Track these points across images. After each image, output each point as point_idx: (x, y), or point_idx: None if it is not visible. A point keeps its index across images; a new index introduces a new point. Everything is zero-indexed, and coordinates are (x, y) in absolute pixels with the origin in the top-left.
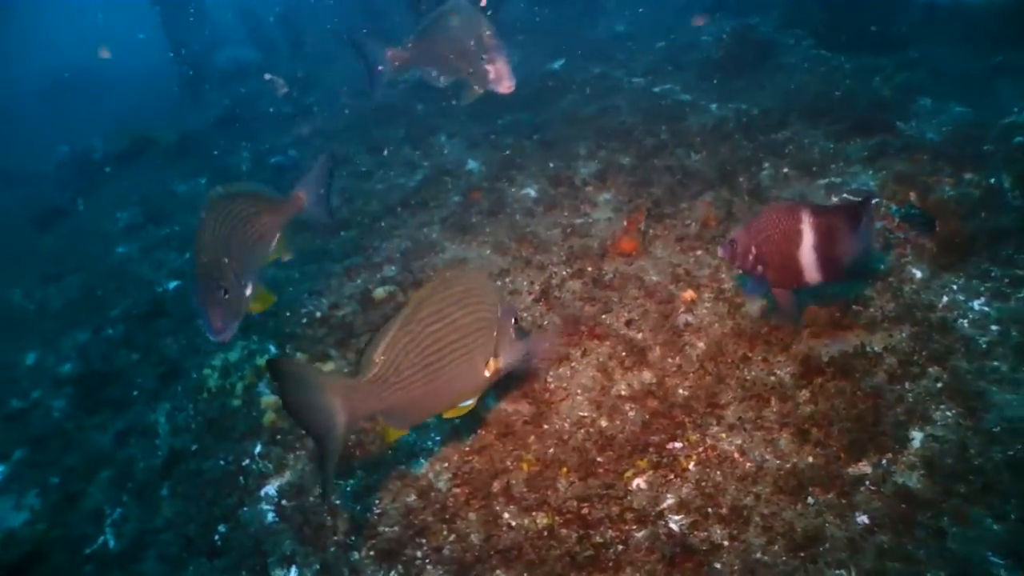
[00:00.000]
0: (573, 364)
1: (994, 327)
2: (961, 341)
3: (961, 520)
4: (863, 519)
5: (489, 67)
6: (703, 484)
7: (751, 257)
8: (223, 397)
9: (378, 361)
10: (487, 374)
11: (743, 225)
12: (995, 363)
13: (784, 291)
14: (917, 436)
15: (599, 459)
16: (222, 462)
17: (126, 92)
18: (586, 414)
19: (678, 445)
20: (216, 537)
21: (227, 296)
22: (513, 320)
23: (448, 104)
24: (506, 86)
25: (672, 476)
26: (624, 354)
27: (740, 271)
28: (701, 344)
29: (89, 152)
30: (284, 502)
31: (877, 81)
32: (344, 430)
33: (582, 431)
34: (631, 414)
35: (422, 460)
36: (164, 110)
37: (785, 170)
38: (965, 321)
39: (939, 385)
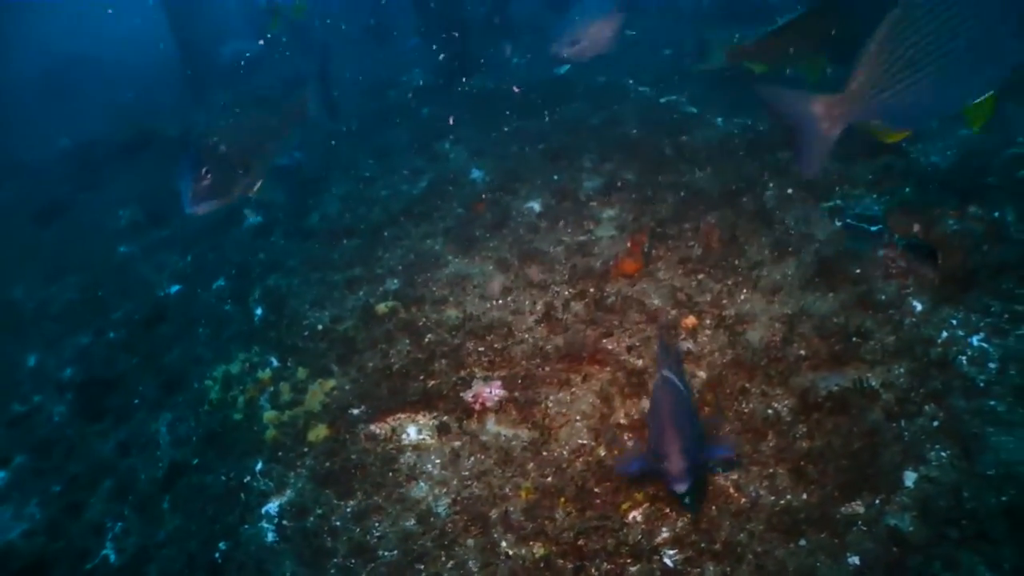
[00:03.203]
0: (574, 389)
1: (992, 365)
2: (959, 379)
3: (953, 567)
4: (855, 560)
5: None
6: (698, 519)
7: None
8: (225, 410)
9: (859, 75)
10: None
11: None
12: (992, 403)
13: None
14: (911, 476)
15: (597, 490)
16: (223, 477)
17: (130, 83)
18: (585, 442)
19: None
20: (217, 555)
21: (210, 177)
22: None
23: (453, 108)
24: None
25: (668, 510)
26: (624, 381)
27: None
28: (702, 373)
29: (92, 144)
30: (285, 522)
31: None
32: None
33: (581, 460)
34: (630, 444)
35: (422, 484)
36: (169, 102)
37: (790, 191)
38: (964, 358)
39: (935, 424)
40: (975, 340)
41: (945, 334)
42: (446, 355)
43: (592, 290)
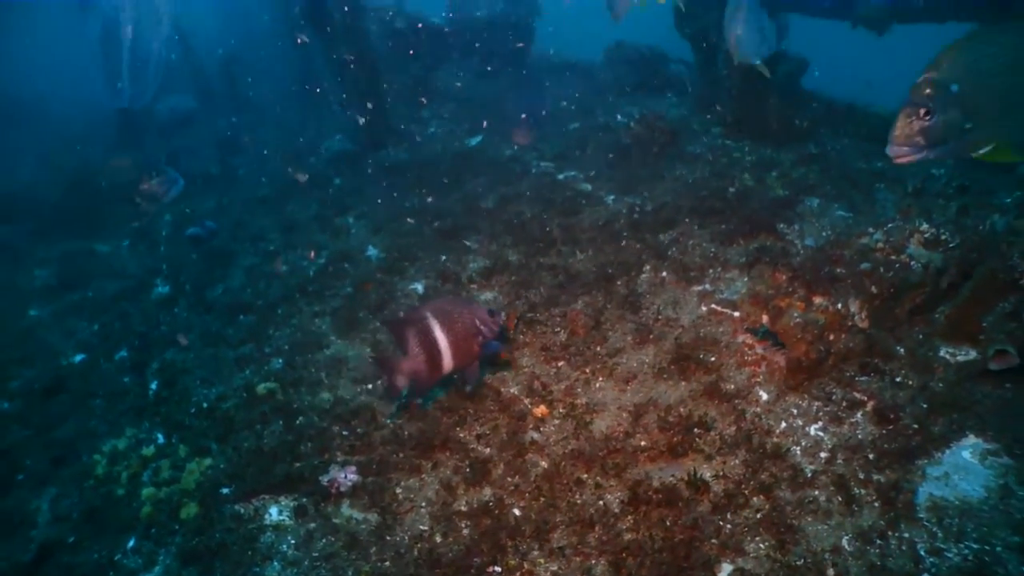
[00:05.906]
0: (423, 476)
1: (823, 454)
2: (790, 470)
3: None
4: None
5: None
6: None
7: None
8: (109, 485)
9: None
10: None
11: None
12: (815, 493)
13: None
14: (727, 569)
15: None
16: (96, 556)
17: (67, 129)
18: (426, 528)
19: (497, 569)
20: None
21: None
22: None
23: (364, 180)
24: None
25: None
26: (469, 470)
27: None
28: (543, 463)
29: (13, 197)
30: None
31: (773, 177)
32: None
33: (418, 547)
34: (465, 532)
35: (276, 563)
36: (100, 154)
37: (664, 274)
38: (798, 448)
39: (759, 516)
40: (812, 429)
41: (784, 424)
42: (312, 438)
43: (456, 377)
